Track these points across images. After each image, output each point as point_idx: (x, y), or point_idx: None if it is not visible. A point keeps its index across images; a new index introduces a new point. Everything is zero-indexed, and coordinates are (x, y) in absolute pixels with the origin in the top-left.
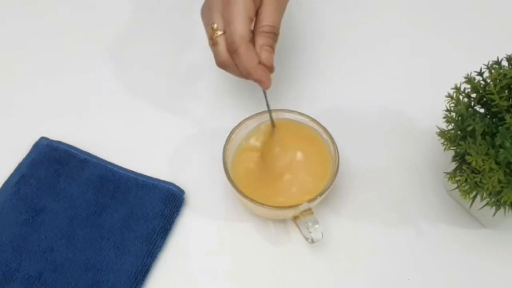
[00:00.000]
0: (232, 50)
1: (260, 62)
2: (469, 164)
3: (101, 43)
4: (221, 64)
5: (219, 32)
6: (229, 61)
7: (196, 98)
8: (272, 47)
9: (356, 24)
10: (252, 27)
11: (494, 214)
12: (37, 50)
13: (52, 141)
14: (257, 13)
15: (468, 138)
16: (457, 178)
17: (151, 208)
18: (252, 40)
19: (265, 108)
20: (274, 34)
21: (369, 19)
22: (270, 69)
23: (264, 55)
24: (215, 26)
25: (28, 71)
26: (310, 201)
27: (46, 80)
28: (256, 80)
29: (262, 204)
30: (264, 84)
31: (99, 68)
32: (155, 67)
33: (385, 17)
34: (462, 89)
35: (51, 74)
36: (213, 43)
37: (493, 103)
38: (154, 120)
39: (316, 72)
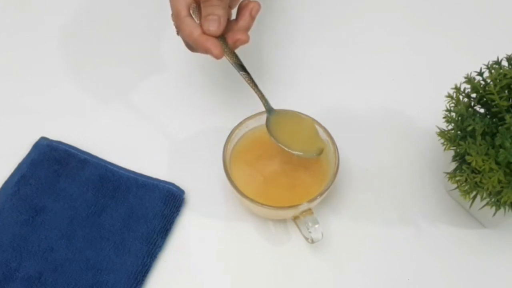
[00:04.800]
0: (177, 30)
1: (204, 33)
2: (469, 164)
3: (101, 43)
4: (187, 48)
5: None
6: (188, 43)
7: (196, 98)
8: (215, 15)
9: (356, 24)
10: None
11: (494, 214)
12: (36, 51)
13: (52, 141)
14: None
15: (468, 138)
16: (457, 178)
17: (151, 208)
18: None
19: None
20: (215, 1)
21: (369, 19)
22: (215, 36)
23: (205, 25)
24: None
25: (28, 72)
26: (310, 201)
27: (46, 80)
28: (204, 52)
29: (262, 204)
30: (213, 53)
31: (99, 68)
32: (154, 67)
33: (385, 17)
34: (462, 89)
35: (51, 74)
36: (176, 32)
37: (493, 103)
38: (154, 120)
39: (316, 72)
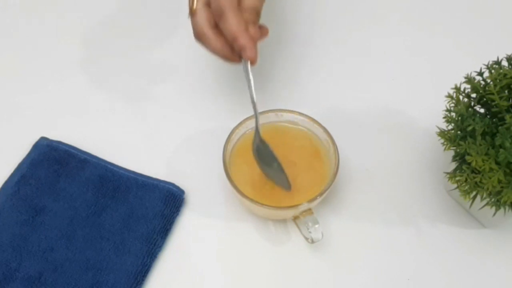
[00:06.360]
0: (218, 15)
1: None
2: (469, 164)
3: (101, 43)
4: (199, 35)
5: (199, 2)
6: (208, 31)
7: (196, 98)
8: (255, 24)
9: (356, 24)
10: None
11: (494, 214)
12: (37, 51)
13: (52, 141)
14: None
15: (468, 138)
16: (457, 178)
17: (151, 208)
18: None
19: (265, 109)
20: (256, 12)
21: (369, 19)
22: (256, 42)
23: (252, 29)
24: None
25: (28, 72)
26: (310, 201)
27: (46, 80)
28: (241, 46)
29: (262, 204)
30: (248, 52)
31: (99, 68)
32: (154, 67)
33: (385, 17)
34: (462, 89)
35: (51, 74)
36: (191, 13)
37: (493, 103)
38: (154, 120)
39: (316, 72)
